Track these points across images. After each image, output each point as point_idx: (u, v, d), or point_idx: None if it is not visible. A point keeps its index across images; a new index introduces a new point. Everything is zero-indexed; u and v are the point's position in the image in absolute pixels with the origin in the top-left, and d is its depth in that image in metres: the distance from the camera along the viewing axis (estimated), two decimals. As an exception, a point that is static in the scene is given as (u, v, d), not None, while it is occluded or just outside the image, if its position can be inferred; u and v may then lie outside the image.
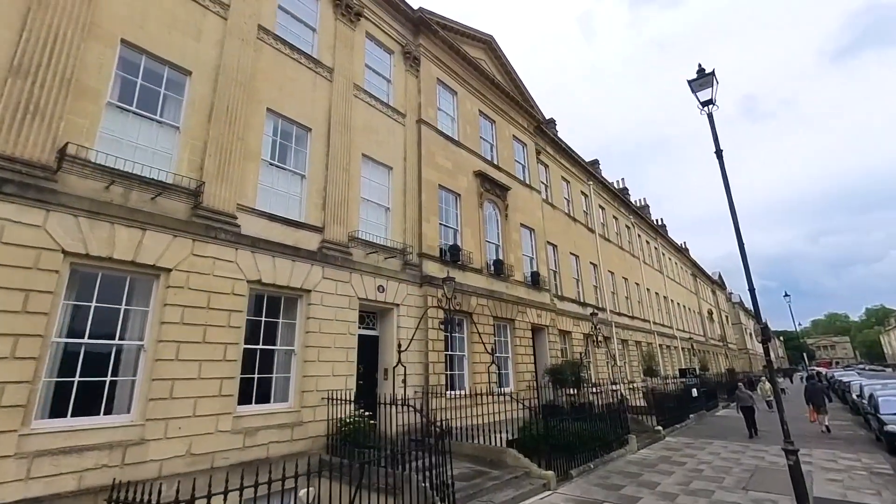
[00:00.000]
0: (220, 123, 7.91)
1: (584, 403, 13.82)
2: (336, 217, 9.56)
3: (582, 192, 23.09)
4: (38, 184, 5.68)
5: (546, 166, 20.05)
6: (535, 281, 15.73)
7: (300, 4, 10.36)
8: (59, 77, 6.15)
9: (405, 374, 10.04)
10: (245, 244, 7.72)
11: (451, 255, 12.27)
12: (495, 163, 15.75)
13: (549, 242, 18.11)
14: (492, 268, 13.88)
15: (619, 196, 27.90)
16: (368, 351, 10.21)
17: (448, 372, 11.48)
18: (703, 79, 7.18)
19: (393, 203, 11.37)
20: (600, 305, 21.17)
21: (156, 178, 6.84)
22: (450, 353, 11.72)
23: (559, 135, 22.50)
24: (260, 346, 7.87)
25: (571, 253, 19.87)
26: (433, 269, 11.61)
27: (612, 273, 23.64)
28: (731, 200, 6.74)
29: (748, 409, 13.95)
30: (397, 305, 10.49)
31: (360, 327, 10.02)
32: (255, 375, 7.72)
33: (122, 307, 6.36)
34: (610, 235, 24.95)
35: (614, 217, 26.65)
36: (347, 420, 7.93)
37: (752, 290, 6.47)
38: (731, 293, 66.45)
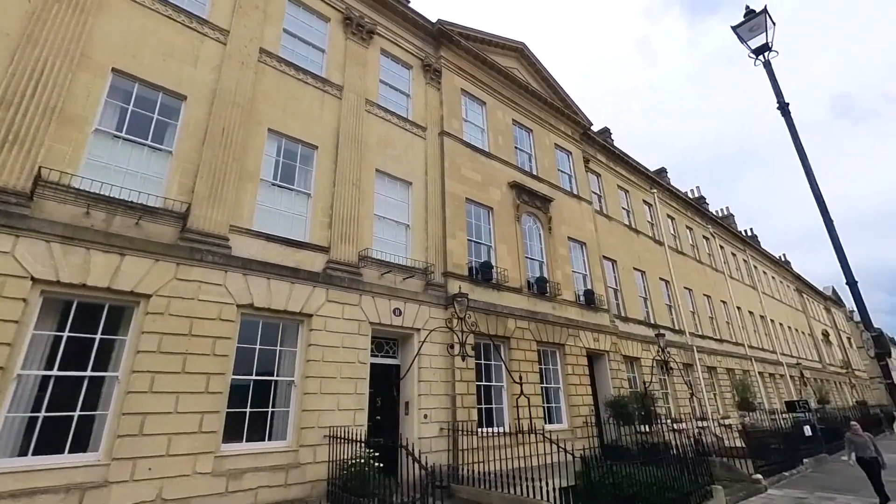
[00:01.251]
0: (215, 146, 7.68)
1: (656, 444, 11.54)
2: (344, 235, 8.91)
3: (644, 201, 20.80)
4: (9, 210, 5.58)
5: (598, 175, 18.30)
6: (589, 300, 13.90)
7: (307, 27, 10.28)
8: (42, 107, 6.19)
9: (427, 409, 8.88)
10: (235, 266, 7.24)
11: (482, 274, 11.07)
12: (534, 173, 14.48)
13: (605, 257, 16.17)
14: (534, 286, 12.41)
15: (692, 205, 24.91)
16: (388, 382, 9.21)
17: (482, 405, 10.08)
18: (752, 20, 5.61)
19: (413, 220, 10.56)
20: (677, 327, 18.42)
21: (143, 202, 6.62)
22: (484, 383, 10.33)
23: (616, 144, 20.72)
24: (253, 377, 7.21)
25: (635, 268, 17.62)
26: (460, 288, 10.47)
27: (690, 290, 20.70)
28: (810, 170, 4.98)
29: (868, 463, 8.96)
30: (418, 330, 9.44)
31: (378, 355, 9.14)
32: (247, 409, 7.03)
33: (98, 336, 6.01)
34: (683, 248, 22.09)
35: (688, 227, 23.70)
36: (350, 463, 6.89)
37: (851, 283, 4.57)
38: (852, 311, 56.59)
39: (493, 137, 13.47)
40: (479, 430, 9.41)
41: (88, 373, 5.84)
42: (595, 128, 21.81)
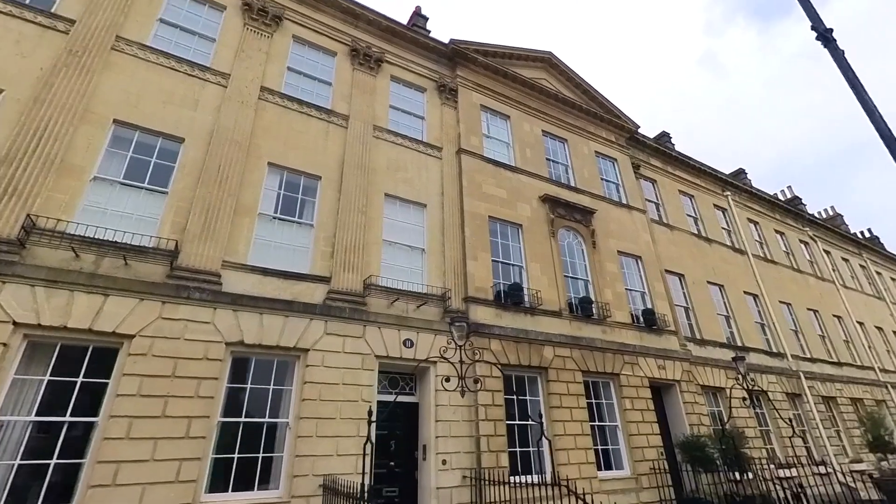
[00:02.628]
0: (210, 183, 7.71)
1: (751, 496, 9.26)
2: (347, 264, 8.43)
3: (716, 205, 18.27)
4: (-1, 258, 5.79)
5: (653, 181, 16.43)
6: (649, 321, 12.02)
7: (313, 63, 10.41)
8: (43, 160, 6.54)
9: (446, 453, 7.81)
10: (225, 302, 6.98)
11: (511, 297, 9.95)
12: (571, 184, 13.24)
13: (668, 271, 14.13)
14: (576, 308, 10.96)
15: (781, 206, 21.52)
16: (404, 422, 8.33)
17: (515, 449, 8.73)
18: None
19: (429, 243, 9.86)
20: (774, 349, 15.41)
21: (136, 243, 6.67)
22: (517, 422, 9.00)
23: (679, 149, 18.72)
24: (242, 419, 6.74)
25: (710, 282, 15.20)
26: (484, 314, 9.45)
27: (788, 304, 17.44)
28: (872, 109, 3.54)
29: None
30: (434, 362, 8.52)
31: (392, 392, 8.32)
32: (235, 455, 6.52)
33: (79, 380, 5.92)
34: (774, 255, 18.91)
35: (778, 232, 20.40)
36: (343, 518, 6.03)
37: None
38: None
39: (519, 151, 12.58)
40: (512, 478, 8.07)
41: (67, 418, 5.71)
42: (651, 133, 20.06)
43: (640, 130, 16.05)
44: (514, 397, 9.20)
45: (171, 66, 8.33)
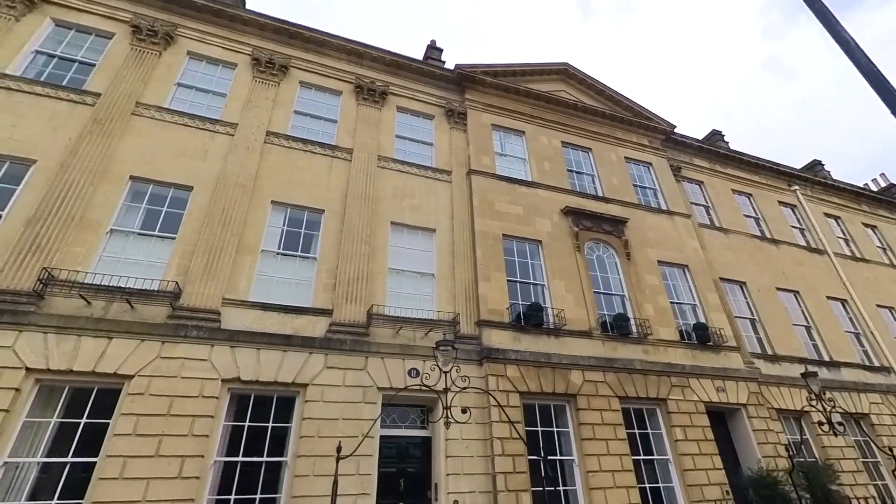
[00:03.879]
0: (214, 225, 8.06)
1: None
2: (349, 295, 8.32)
3: (781, 202, 16.21)
4: (17, 308, 6.32)
5: (699, 183, 14.98)
6: (702, 337, 10.61)
7: (318, 104, 10.83)
8: (65, 218, 7.20)
9: (458, 493, 7.16)
10: (221, 339, 7.09)
11: (530, 318, 9.24)
12: (598, 194, 12.39)
13: (724, 279, 12.55)
14: (610, 327, 9.95)
15: (868, 195, 18.63)
16: (417, 459, 7.82)
17: (541, 488, 7.80)
18: None
19: (439, 268, 9.54)
20: (875, 362, 12.92)
21: (143, 287, 7.06)
22: (542, 457, 8.09)
23: (736, 147, 17.11)
24: (240, 459, 6.64)
25: (780, 288, 13.26)
26: (500, 338, 8.83)
27: (890, 308, 14.72)
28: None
29: None
30: (444, 392, 7.99)
31: (401, 426, 7.95)
32: (232, 497, 6.39)
33: (83, 421, 6.19)
34: (864, 252, 16.24)
35: (867, 226, 17.60)
36: (335, 565, 5.62)
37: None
38: None
39: (536, 165, 12.05)
40: (536, 522, 7.18)
41: (70, 459, 5.94)
42: (700, 135, 18.56)
43: (684, 132, 14.81)
44: (538, 429, 8.34)
45: (184, 122, 9.03)
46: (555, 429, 8.49)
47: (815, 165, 21.77)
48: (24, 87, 8.20)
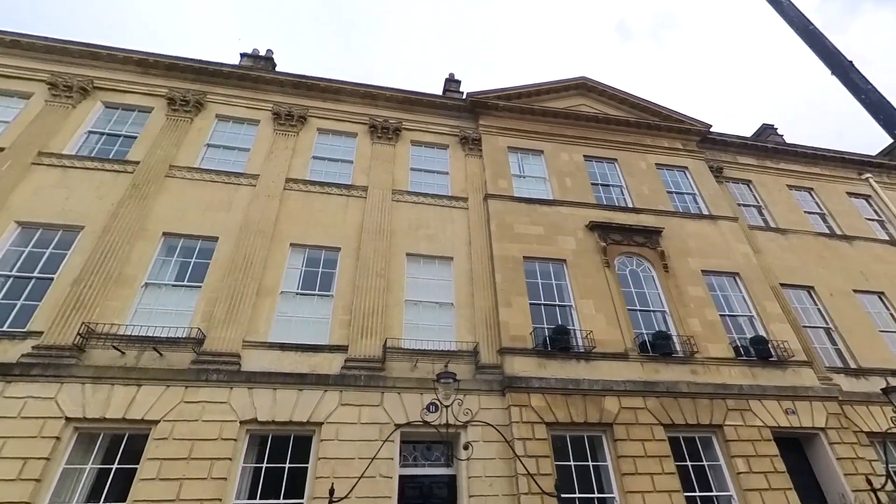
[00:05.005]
0: (236, 271, 8.49)
1: None
2: (365, 330, 8.33)
3: (851, 193, 14.43)
4: (60, 362, 6.93)
5: (747, 182, 13.76)
6: (762, 352, 9.43)
7: (335, 147, 11.32)
8: (104, 276, 7.93)
9: (483, 537, 6.69)
10: (240, 381, 7.31)
11: (556, 342, 8.71)
12: (627, 205, 11.72)
13: (785, 285, 11.22)
14: (650, 347, 9.14)
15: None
16: (443, 500, 7.44)
17: (577, 530, 7.10)
18: None
19: (457, 297, 9.34)
20: None
21: (171, 335, 7.53)
22: (577, 495, 7.41)
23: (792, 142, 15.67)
24: (258, 501, 6.66)
25: (857, 290, 11.60)
26: (523, 366, 8.37)
27: None
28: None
29: None
30: (464, 426, 7.64)
31: (424, 464, 7.66)
32: (249, 541, 6.39)
33: (114, 466, 6.54)
34: (968, 241, 13.89)
35: (969, 209, 15.13)
36: None
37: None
38: None
39: (557, 183, 11.68)
40: (571, 570, 6.50)
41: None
42: (748, 132, 17.22)
43: (697, 124, 13.81)
44: (571, 463, 7.68)
45: (211, 179, 9.76)
46: (590, 463, 7.77)
47: (894, 150, 19.35)
48: (77, 164, 9.31)
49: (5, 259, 8.00)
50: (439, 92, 14.16)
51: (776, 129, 18.65)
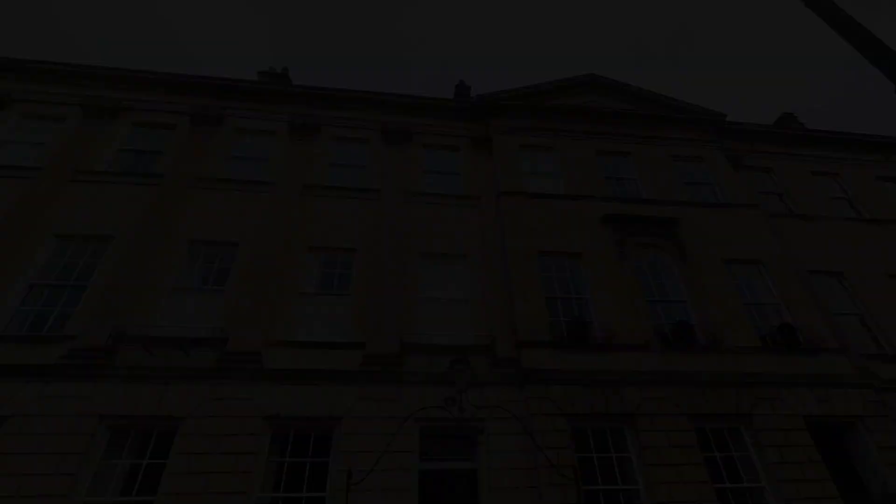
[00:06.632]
0: (258, 274, 8.78)
1: None
2: (381, 327, 8.46)
3: (881, 177, 13.89)
4: (94, 363, 7.27)
5: (767, 170, 13.43)
6: (790, 340, 9.14)
7: (347, 153, 11.61)
8: (134, 282, 8.31)
9: (505, 528, 6.64)
10: (262, 378, 7.51)
11: (573, 334, 8.66)
12: (642, 197, 11.59)
13: (812, 271, 10.85)
14: (671, 337, 8.97)
15: None
16: (465, 493, 7.41)
17: (601, 522, 6.97)
18: None
19: (472, 293, 9.39)
20: None
21: (196, 335, 7.83)
22: (601, 486, 7.27)
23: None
24: (281, 494, 6.80)
25: (893, 275, 11.12)
26: (540, 358, 8.33)
27: None
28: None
29: None
30: (482, 420, 7.63)
31: (447, 459, 7.64)
32: (274, 534, 6.51)
33: (145, 461, 6.79)
34: None
35: None
36: None
37: None
38: None
39: (570, 176, 11.67)
40: (596, 562, 6.37)
41: (134, 497, 6.50)
42: (769, 121, 16.82)
43: (712, 114, 13.59)
44: (593, 454, 7.56)
45: (231, 188, 10.15)
46: (613, 454, 7.63)
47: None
48: (110, 179, 9.83)
49: (44, 270, 8.48)
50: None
51: (796, 117, 18.17)
